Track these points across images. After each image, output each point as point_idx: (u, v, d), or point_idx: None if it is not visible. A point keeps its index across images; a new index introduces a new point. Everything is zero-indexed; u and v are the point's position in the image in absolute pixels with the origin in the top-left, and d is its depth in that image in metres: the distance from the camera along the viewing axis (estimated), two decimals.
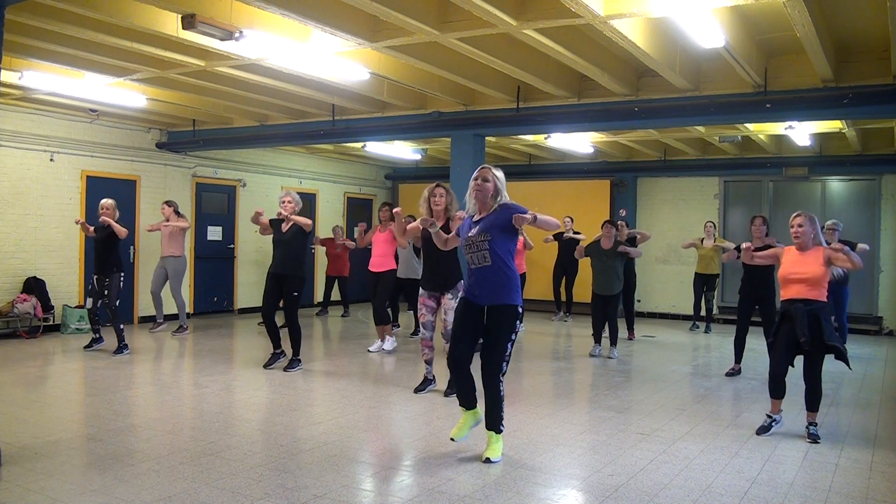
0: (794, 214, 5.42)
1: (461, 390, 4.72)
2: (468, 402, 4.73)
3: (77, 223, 8.69)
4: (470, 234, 4.58)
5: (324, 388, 6.81)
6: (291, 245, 7.35)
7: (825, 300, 5.28)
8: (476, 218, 4.63)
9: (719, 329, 11.66)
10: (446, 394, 6.35)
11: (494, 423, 4.56)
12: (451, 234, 5.16)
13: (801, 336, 5.14)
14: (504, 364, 4.51)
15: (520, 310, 4.57)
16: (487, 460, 4.46)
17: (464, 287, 4.75)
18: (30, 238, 9.77)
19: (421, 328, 6.35)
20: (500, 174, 4.64)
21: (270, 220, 7.49)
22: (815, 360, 5.24)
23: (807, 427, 5.27)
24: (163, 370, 7.85)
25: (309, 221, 7.40)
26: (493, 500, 3.86)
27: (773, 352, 5.43)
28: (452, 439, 4.68)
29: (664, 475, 4.35)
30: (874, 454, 4.89)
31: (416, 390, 6.48)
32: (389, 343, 8.77)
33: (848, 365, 5.39)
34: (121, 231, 8.13)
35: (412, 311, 10.94)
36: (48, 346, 8.93)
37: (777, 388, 5.38)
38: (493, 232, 4.49)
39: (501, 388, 4.52)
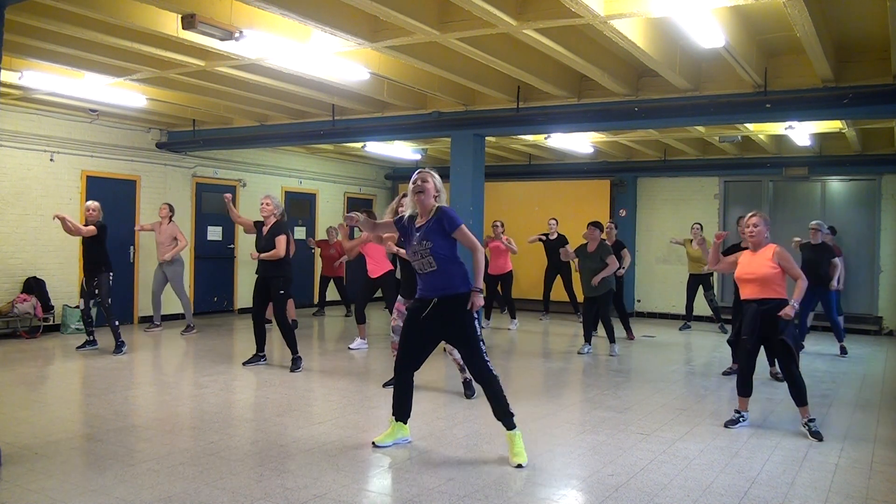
0: (750, 214, 5.56)
1: (397, 400, 4.83)
2: (400, 414, 4.84)
3: (55, 218, 8.05)
4: (414, 243, 4.60)
5: (323, 387, 6.82)
6: (273, 247, 7.38)
7: (782, 297, 5.35)
8: (418, 223, 4.64)
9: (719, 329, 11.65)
10: (385, 385, 6.62)
11: (505, 415, 4.52)
12: (386, 226, 5.09)
13: (744, 334, 5.35)
14: (481, 344, 4.56)
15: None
16: (519, 466, 4.38)
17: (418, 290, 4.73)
18: (30, 238, 9.77)
19: (391, 332, 6.48)
20: (437, 177, 4.66)
21: (255, 222, 7.61)
22: (783, 356, 5.33)
23: (805, 424, 5.29)
24: (163, 370, 7.86)
25: (278, 254, 7.33)
26: (493, 500, 3.86)
27: (740, 352, 5.58)
28: (374, 443, 4.79)
29: (664, 475, 4.35)
30: (874, 454, 4.89)
31: (386, 385, 6.66)
32: (357, 343, 9.00)
33: (797, 363, 5.39)
34: (80, 230, 8.10)
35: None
36: (48, 346, 8.93)
37: (744, 387, 5.52)
38: (434, 238, 4.52)
39: (493, 370, 4.54)
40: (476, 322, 4.60)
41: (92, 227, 8.18)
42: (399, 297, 6.38)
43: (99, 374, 7.22)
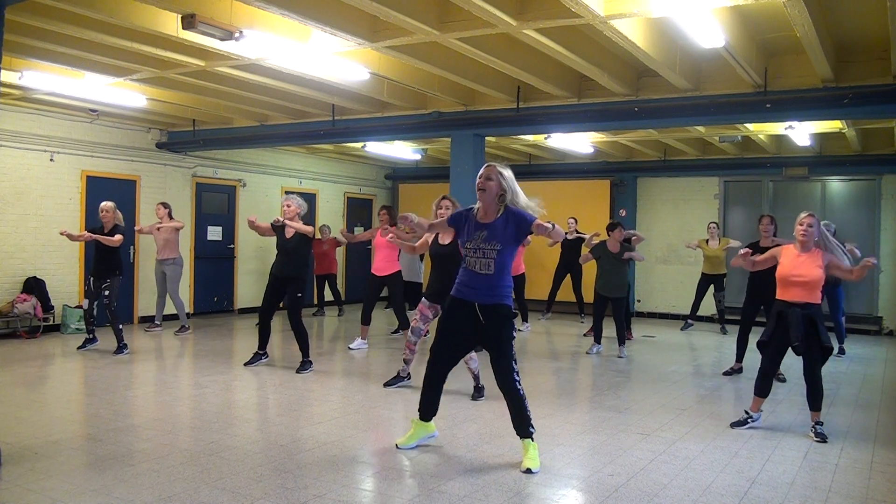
0: (805, 214, 5.38)
1: (426, 403, 4.74)
2: (426, 415, 4.77)
3: (62, 234, 8.27)
4: (476, 238, 4.41)
5: (323, 388, 6.81)
6: (296, 249, 7.34)
7: (819, 303, 5.35)
8: (481, 220, 4.46)
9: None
10: (385, 384, 6.67)
11: (524, 428, 4.47)
12: (442, 226, 4.99)
13: (795, 341, 5.22)
14: (514, 363, 4.48)
15: (513, 311, 4.54)
16: (528, 471, 4.31)
17: (455, 286, 4.57)
18: (30, 238, 9.77)
19: (409, 332, 6.45)
20: (507, 173, 4.45)
21: (273, 225, 7.48)
22: (813, 360, 5.28)
23: (813, 427, 5.29)
24: (163, 370, 7.86)
25: (309, 229, 7.32)
26: (493, 500, 3.86)
27: (767, 351, 5.48)
28: (397, 446, 4.74)
29: (664, 475, 4.35)
30: (874, 454, 4.89)
31: (387, 384, 6.67)
32: (358, 343, 8.95)
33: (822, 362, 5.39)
34: (110, 241, 8.10)
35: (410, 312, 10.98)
36: (48, 346, 8.93)
37: (764, 387, 5.48)
38: (504, 242, 4.37)
39: (520, 388, 4.48)
40: (513, 339, 4.50)
41: (120, 237, 8.18)
42: (423, 299, 6.34)
43: (99, 374, 7.22)
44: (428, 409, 4.75)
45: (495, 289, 4.43)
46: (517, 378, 4.47)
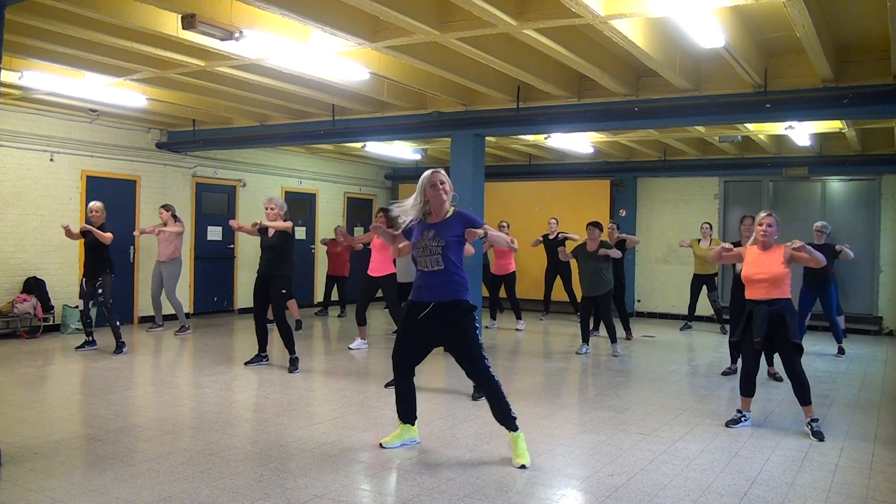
0: (765, 214, 5.49)
1: (400, 400, 4.79)
2: (405, 415, 4.81)
3: (63, 227, 8.31)
4: (424, 237, 4.53)
5: (323, 387, 6.82)
6: (278, 247, 7.48)
7: (788, 297, 5.39)
8: (430, 222, 4.58)
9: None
10: (387, 385, 6.59)
11: (506, 418, 4.51)
12: (401, 238, 4.91)
13: (757, 336, 5.29)
14: (483, 352, 4.52)
15: (471, 304, 4.57)
16: (522, 467, 4.36)
17: (413, 290, 4.68)
18: (30, 238, 9.77)
19: None
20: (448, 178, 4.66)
21: (255, 224, 7.63)
22: (789, 355, 5.32)
23: (808, 424, 5.30)
24: (162, 370, 7.86)
25: (288, 225, 7.47)
26: (493, 500, 3.86)
27: (744, 352, 5.54)
28: (381, 445, 4.77)
29: (664, 475, 4.35)
30: (874, 454, 4.89)
31: (388, 385, 6.62)
32: (357, 343, 9.01)
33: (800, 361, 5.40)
34: (103, 237, 8.16)
35: None
36: (48, 346, 8.93)
37: (748, 387, 5.52)
38: (449, 239, 4.48)
39: (493, 375, 4.51)
40: (477, 330, 4.58)
41: (110, 234, 8.24)
42: None
43: (99, 374, 7.22)
44: (404, 410, 4.81)
45: (450, 284, 4.50)
46: (489, 366, 4.52)
